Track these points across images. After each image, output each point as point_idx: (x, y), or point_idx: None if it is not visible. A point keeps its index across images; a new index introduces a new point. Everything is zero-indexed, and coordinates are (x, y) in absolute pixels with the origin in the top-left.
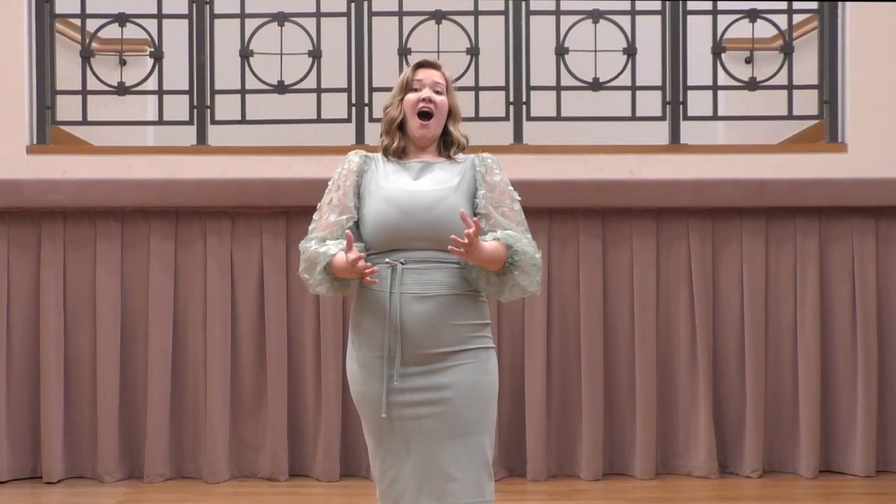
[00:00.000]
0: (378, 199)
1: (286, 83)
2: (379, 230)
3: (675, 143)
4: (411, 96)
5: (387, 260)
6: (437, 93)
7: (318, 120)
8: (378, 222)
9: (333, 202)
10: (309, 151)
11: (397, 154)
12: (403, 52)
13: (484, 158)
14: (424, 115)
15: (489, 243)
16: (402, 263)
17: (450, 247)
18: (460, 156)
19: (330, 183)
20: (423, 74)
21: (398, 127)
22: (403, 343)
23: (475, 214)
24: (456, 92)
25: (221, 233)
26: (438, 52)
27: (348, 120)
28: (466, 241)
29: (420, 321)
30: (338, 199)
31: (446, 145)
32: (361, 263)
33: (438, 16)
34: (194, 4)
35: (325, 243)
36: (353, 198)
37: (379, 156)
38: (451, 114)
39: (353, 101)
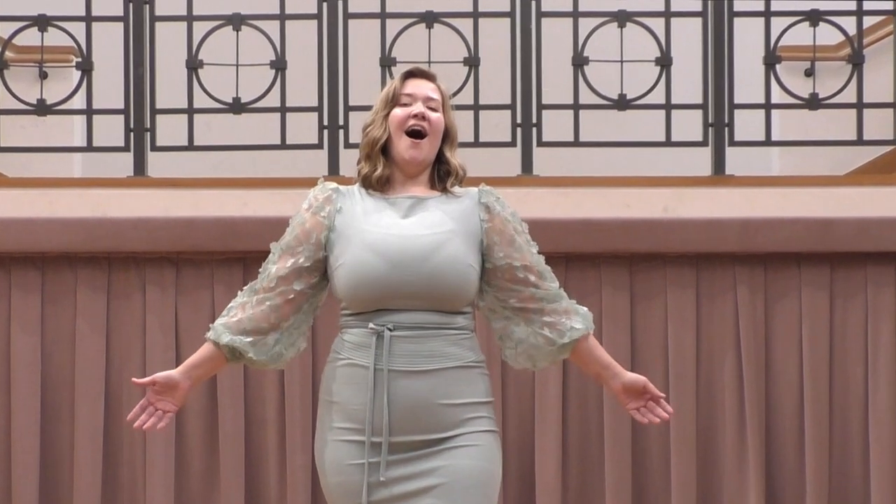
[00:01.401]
0: (358, 245)
1: (243, 101)
2: (359, 286)
3: (718, 174)
4: (399, 112)
5: (370, 325)
6: (431, 109)
7: (283, 145)
8: (358, 276)
9: (285, 246)
10: (271, 184)
11: (380, 185)
12: (387, 62)
13: (492, 193)
14: (416, 135)
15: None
16: (390, 330)
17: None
18: (458, 189)
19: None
20: (414, 87)
21: (381, 150)
22: (391, 426)
23: (489, 265)
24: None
25: (164, 283)
26: (430, 62)
27: (319, 145)
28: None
29: (410, 401)
30: (286, 247)
31: (440, 176)
32: (136, 424)
33: (430, 18)
34: (131, 4)
35: (224, 320)
36: (312, 248)
37: (356, 188)
38: (448, 136)
39: (326, 122)
